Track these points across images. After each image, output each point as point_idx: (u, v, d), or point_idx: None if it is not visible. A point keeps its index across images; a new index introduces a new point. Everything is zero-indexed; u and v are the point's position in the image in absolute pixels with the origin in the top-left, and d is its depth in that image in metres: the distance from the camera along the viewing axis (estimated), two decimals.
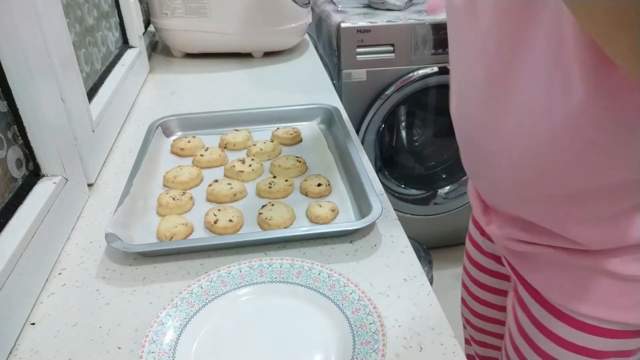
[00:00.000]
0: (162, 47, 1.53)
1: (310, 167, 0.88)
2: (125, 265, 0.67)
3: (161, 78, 1.31)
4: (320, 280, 0.61)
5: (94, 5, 1.03)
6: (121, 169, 0.88)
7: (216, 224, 0.71)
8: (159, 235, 0.71)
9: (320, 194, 0.80)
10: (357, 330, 0.54)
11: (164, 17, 1.34)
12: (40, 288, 0.63)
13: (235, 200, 0.80)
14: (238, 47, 1.40)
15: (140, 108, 1.13)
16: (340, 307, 0.57)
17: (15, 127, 0.67)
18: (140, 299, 0.61)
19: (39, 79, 0.66)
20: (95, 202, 0.80)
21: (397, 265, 0.65)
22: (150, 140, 0.91)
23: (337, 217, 0.75)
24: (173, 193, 0.78)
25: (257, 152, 0.90)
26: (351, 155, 0.84)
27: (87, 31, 0.97)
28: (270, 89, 1.23)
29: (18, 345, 0.56)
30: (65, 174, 0.73)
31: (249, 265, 0.63)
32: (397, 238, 0.70)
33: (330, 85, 1.23)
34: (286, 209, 0.74)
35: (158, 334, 0.54)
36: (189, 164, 0.89)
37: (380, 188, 0.79)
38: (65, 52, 0.77)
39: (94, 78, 1.00)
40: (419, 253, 1.70)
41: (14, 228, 0.61)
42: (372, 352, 0.51)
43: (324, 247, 0.69)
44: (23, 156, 0.69)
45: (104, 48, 1.08)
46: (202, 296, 0.59)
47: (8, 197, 0.64)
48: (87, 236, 0.72)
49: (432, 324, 0.57)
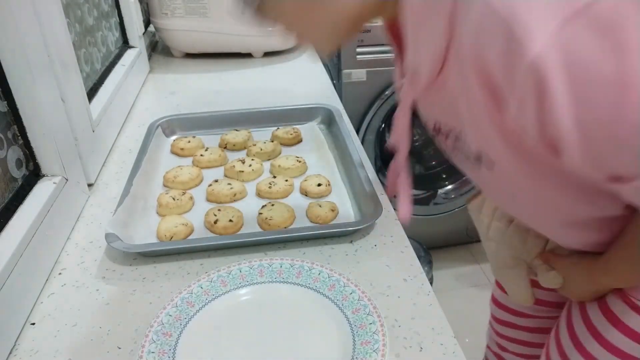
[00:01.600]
0: (162, 47, 1.53)
1: (310, 167, 0.88)
2: (125, 265, 0.67)
3: (161, 78, 1.31)
4: (320, 280, 0.61)
5: (94, 5, 1.03)
6: (121, 169, 0.88)
7: (216, 224, 0.71)
8: (159, 235, 0.71)
9: (320, 194, 0.80)
10: (357, 330, 0.54)
11: (164, 17, 1.33)
12: (40, 288, 0.63)
13: (235, 200, 0.80)
14: (238, 47, 1.40)
15: (140, 108, 1.13)
16: (340, 307, 0.57)
17: (15, 127, 0.67)
18: (140, 299, 0.61)
19: (39, 79, 0.66)
20: (95, 202, 0.80)
21: (397, 265, 0.65)
22: (150, 140, 0.91)
23: (337, 217, 0.75)
24: (173, 193, 0.78)
25: (257, 152, 0.90)
26: (351, 155, 0.84)
27: (87, 31, 0.97)
28: (270, 89, 1.22)
29: (18, 345, 0.56)
30: (65, 174, 0.73)
31: (249, 265, 0.63)
32: (397, 238, 0.70)
33: (330, 85, 1.23)
34: (286, 209, 0.74)
35: (158, 334, 0.54)
36: (189, 164, 0.89)
37: (380, 188, 0.79)
38: (65, 52, 0.77)
39: (94, 78, 1.00)
40: (419, 253, 1.70)
41: (14, 228, 0.61)
42: (372, 352, 0.51)
43: (324, 247, 0.69)
44: (23, 156, 0.69)
45: (104, 48, 1.08)
46: (202, 296, 0.59)
47: (8, 197, 0.64)
48: (87, 236, 0.72)
49: (432, 324, 0.57)
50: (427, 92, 0.56)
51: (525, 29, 0.39)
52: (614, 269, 0.58)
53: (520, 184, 0.54)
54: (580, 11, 0.38)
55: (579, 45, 0.38)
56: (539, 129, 0.43)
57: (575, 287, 0.65)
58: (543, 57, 0.39)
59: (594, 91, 0.39)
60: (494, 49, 0.42)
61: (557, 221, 0.58)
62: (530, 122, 0.43)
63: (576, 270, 0.64)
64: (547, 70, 0.39)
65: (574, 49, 0.39)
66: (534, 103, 0.41)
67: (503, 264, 0.75)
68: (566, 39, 0.38)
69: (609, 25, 0.38)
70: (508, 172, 0.53)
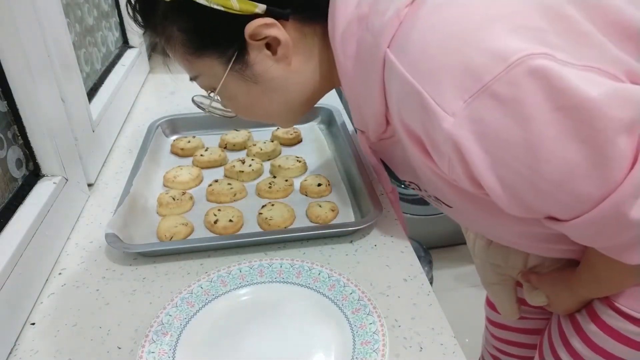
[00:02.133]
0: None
1: (310, 167, 0.88)
2: (125, 265, 0.67)
3: (161, 78, 1.31)
4: (320, 280, 0.61)
5: (94, 5, 1.03)
6: (121, 169, 0.88)
7: (216, 224, 0.71)
8: (159, 235, 0.71)
9: (320, 194, 0.80)
10: (357, 330, 0.54)
11: None
12: (40, 288, 0.63)
13: (235, 200, 0.80)
14: None
15: (140, 108, 1.13)
16: (340, 307, 0.57)
17: (15, 127, 0.67)
18: (140, 299, 0.61)
19: (39, 79, 0.66)
20: (95, 202, 0.80)
21: (397, 265, 0.65)
22: (150, 140, 0.90)
23: (337, 217, 0.75)
24: (173, 193, 0.78)
25: (257, 152, 0.90)
26: (351, 155, 0.84)
27: (87, 31, 0.97)
28: None
29: (18, 345, 0.56)
30: (65, 174, 0.73)
31: (249, 265, 0.63)
32: (397, 238, 0.70)
33: None
34: (286, 209, 0.74)
35: (158, 334, 0.54)
36: (189, 164, 0.89)
37: (380, 188, 0.79)
38: (65, 52, 0.77)
39: (94, 78, 1.00)
40: (419, 253, 1.70)
41: (14, 228, 0.61)
42: (372, 352, 0.51)
43: (324, 247, 0.69)
44: (23, 156, 0.69)
45: (104, 48, 1.08)
46: (202, 296, 0.59)
47: (8, 197, 0.64)
48: (87, 236, 0.72)
49: (432, 324, 0.57)
50: (382, 144, 0.62)
51: (439, 104, 0.44)
52: (587, 283, 0.61)
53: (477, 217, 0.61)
54: (481, 90, 0.42)
55: (487, 117, 0.42)
56: (470, 182, 0.48)
57: (560, 302, 0.66)
58: (457, 129, 0.43)
59: (508, 153, 0.43)
60: (415, 116, 0.47)
61: (524, 239, 0.62)
62: (460, 177, 0.48)
63: (557, 286, 0.66)
64: (461, 139, 0.44)
65: (483, 120, 0.43)
66: (459, 163, 0.46)
67: (489, 279, 0.76)
68: (474, 113, 0.43)
69: (510, 100, 0.41)
70: (465, 210, 0.60)
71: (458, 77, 0.43)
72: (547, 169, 0.43)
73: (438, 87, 0.44)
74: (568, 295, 0.64)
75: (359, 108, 0.58)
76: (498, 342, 0.93)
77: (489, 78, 0.41)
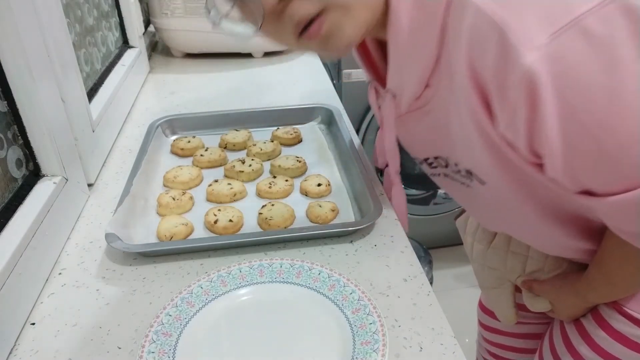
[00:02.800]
0: (162, 47, 1.53)
1: (310, 167, 0.88)
2: (125, 265, 0.67)
3: (161, 78, 1.31)
4: (320, 280, 0.61)
5: (94, 5, 1.03)
6: (121, 169, 0.88)
7: (216, 224, 0.71)
8: (159, 235, 0.71)
9: (320, 194, 0.80)
10: (357, 330, 0.54)
11: (164, 17, 1.33)
12: (40, 288, 0.63)
13: (235, 200, 0.80)
14: (238, 47, 1.40)
15: (140, 108, 1.13)
16: (340, 307, 0.57)
17: (15, 127, 0.67)
18: (140, 299, 0.61)
19: (39, 79, 0.66)
20: (95, 202, 0.80)
21: (397, 265, 0.65)
22: (150, 140, 0.90)
23: (337, 217, 0.75)
24: (173, 193, 0.78)
25: (257, 152, 0.90)
26: (351, 155, 0.84)
27: (87, 31, 0.97)
28: (270, 89, 1.22)
29: (18, 345, 0.56)
30: (65, 174, 0.73)
31: (249, 265, 0.63)
32: (397, 238, 0.70)
33: (330, 85, 1.23)
34: (286, 209, 0.74)
35: (158, 334, 0.54)
36: (189, 164, 0.89)
37: (380, 188, 0.79)
38: (65, 52, 0.77)
39: (94, 78, 1.00)
40: (419, 253, 1.70)
41: (14, 228, 0.60)
42: (372, 352, 0.51)
43: (324, 247, 0.69)
44: (23, 156, 0.69)
45: (104, 48, 1.08)
46: (202, 296, 0.59)
47: (8, 197, 0.64)
48: (87, 236, 0.72)
49: (432, 324, 0.57)
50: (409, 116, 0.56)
51: (519, 37, 0.39)
52: (598, 286, 0.59)
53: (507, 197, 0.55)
54: (571, 23, 0.38)
55: (571, 57, 0.38)
56: (527, 139, 0.44)
57: (565, 308, 0.65)
58: (536, 65, 0.39)
59: (583, 103, 0.39)
60: (488, 54, 0.42)
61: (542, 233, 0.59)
62: (518, 133, 0.44)
63: (562, 293, 0.65)
64: (539, 78, 0.39)
65: (566, 60, 0.39)
66: (525, 112, 0.42)
67: (487, 284, 0.76)
68: (558, 50, 0.38)
69: (601, 39, 0.38)
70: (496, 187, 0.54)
71: (546, 5, 0.39)
72: (620, 127, 0.39)
73: (520, 18, 0.39)
74: (574, 301, 0.63)
75: (401, 66, 0.52)
76: (492, 346, 0.92)
77: (583, 10, 0.38)
